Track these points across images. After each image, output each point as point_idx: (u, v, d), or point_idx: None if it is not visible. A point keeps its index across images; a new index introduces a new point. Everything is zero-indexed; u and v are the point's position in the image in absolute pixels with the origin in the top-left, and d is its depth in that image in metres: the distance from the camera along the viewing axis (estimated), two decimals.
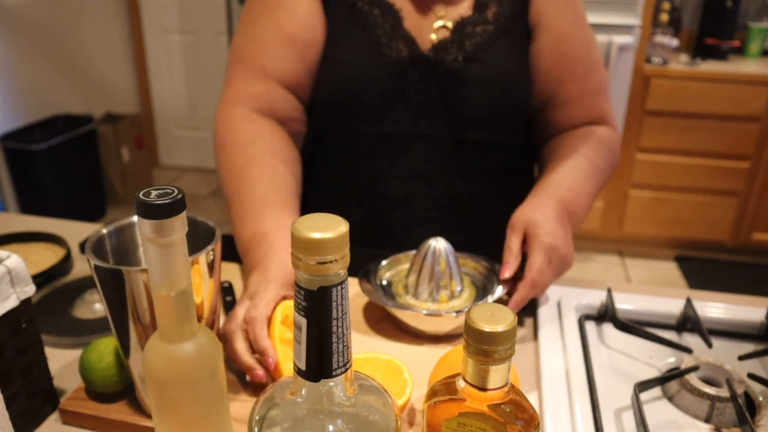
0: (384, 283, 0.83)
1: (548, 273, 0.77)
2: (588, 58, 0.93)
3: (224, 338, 0.68)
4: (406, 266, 0.85)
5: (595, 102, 0.95)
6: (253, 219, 0.78)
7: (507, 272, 0.77)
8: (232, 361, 0.69)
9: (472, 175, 0.95)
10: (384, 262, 0.85)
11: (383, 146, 0.93)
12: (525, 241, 0.79)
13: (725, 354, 0.76)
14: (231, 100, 0.91)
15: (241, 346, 0.66)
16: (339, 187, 0.92)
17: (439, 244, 0.79)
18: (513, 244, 0.78)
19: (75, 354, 0.76)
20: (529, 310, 0.85)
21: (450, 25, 0.90)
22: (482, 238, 0.97)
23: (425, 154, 0.92)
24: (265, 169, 0.84)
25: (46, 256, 0.96)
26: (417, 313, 0.75)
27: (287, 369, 0.65)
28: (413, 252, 0.84)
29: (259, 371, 0.65)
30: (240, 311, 0.69)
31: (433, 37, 0.90)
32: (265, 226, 0.77)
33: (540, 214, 0.79)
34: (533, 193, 0.84)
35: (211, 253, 0.57)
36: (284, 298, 0.71)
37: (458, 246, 0.97)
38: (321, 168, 0.99)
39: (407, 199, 0.94)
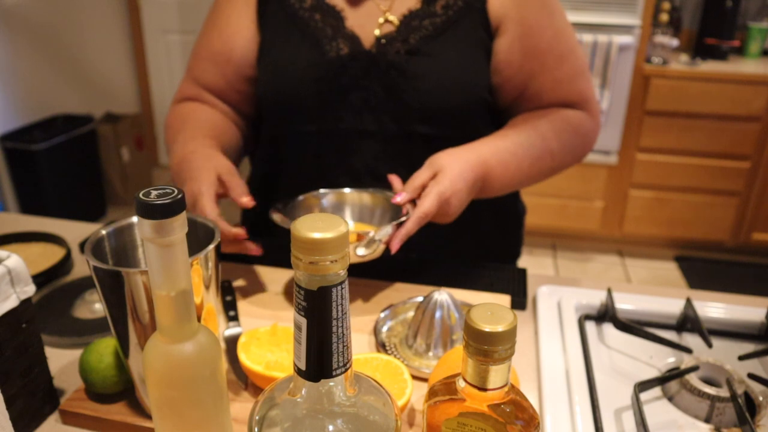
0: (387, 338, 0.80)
1: (428, 219, 0.79)
2: (559, 47, 0.91)
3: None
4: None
5: (571, 87, 0.93)
6: (180, 150, 0.87)
7: (399, 198, 0.80)
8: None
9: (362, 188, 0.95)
10: (300, 197, 0.88)
11: (329, 144, 0.94)
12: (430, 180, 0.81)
13: (725, 354, 0.76)
14: (174, 100, 1.04)
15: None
16: (295, 187, 0.93)
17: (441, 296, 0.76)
18: (420, 177, 0.81)
19: (75, 354, 0.76)
20: (529, 309, 0.85)
21: (395, 20, 0.90)
22: (438, 234, 0.97)
23: (373, 150, 0.92)
24: (196, 121, 0.94)
25: (46, 256, 0.96)
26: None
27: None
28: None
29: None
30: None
31: (377, 32, 0.90)
32: (185, 151, 0.86)
33: (458, 167, 0.80)
34: (465, 146, 0.85)
35: (211, 253, 0.57)
36: (219, 178, 0.79)
37: (415, 243, 0.96)
38: (278, 170, 1.01)
39: None
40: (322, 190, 0.90)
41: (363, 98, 0.90)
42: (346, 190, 0.90)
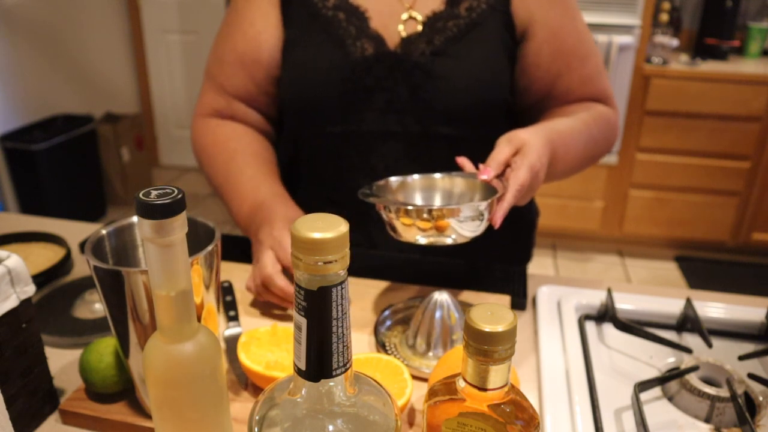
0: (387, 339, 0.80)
1: (524, 192, 0.76)
2: (582, 48, 0.94)
3: (264, 283, 0.78)
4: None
5: (595, 85, 0.96)
6: (250, 194, 0.88)
7: (485, 175, 0.76)
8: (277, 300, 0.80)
9: (446, 172, 0.94)
10: (382, 182, 0.82)
11: (351, 145, 0.93)
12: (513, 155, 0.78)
13: (725, 354, 0.76)
14: (200, 112, 1.00)
15: (284, 282, 0.77)
16: (315, 188, 0.93)
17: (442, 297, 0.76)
18: (502, 153, 0.77)
19: (75, 354, 0.76)
20: (529, 309, 0.85)
21: (420, 18, 0.90)
22: None
23: (395, 151, 0.92)
24: (247, 157, 0.93)
25: (46, 256, 0.96)
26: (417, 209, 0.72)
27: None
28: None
29: None
30: (267, 259, 0.78)
31: (401, 28, 0.90)
32: (261, 196, 0.87)
33: (538, 142, 0.78)
34: (531, 126, 0.83)
35: (211, 253, 0.57)
36: None
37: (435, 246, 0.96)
38: (299, 170, 1.01)
39: None
40: (415, 175, 0.85)
41: (387, 99, 0.90)
42: (437, 175, 0.85)
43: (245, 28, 0.94)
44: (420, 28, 0.90)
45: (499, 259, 1.02)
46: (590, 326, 0.81)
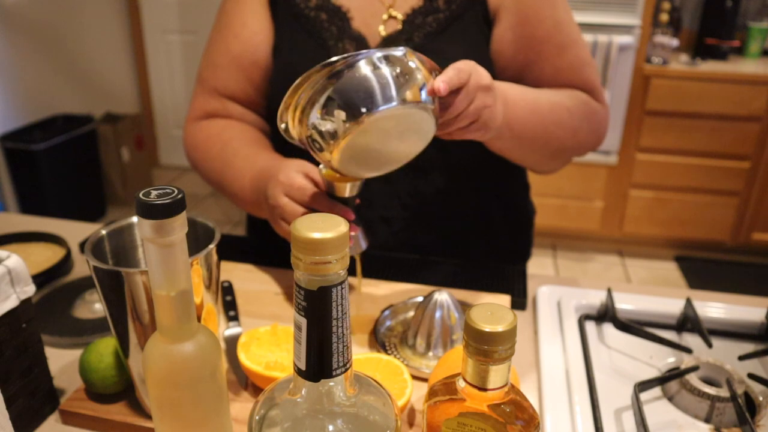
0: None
1: (466, 74, 0.68)
2: (559, 37, 0.89)
3: (278, 212, 0.75)
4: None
5: (573, 76, 0.91)
6: (249, 166, 0.86)
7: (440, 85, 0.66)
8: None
9: (433, 171, 0.94)
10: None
11: None
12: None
13: (725, 354, 0.76)
14: (193, 117, 0.99)
15: (294, 207, 0.74)
16: None
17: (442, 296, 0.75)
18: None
19: (75, 354, 0.76)
20: (529, 309, 0.86)
21: (400, 17, 0.89)
22: (449, 234, 0.96)
23: None
24: (242, 140, 0.92)
25: (46, 256, 0.96)
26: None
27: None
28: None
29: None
30: (277, 192, 0.76)
31: (381, 29, 0.89)
32: (261, 163, 0.85)
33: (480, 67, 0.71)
34: None
35: (211, 253, 0.57)
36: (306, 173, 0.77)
37: (427, 244, 0.95)
38: None
39: (368, 198, 0.93)
40: None
41: None
42: None
43: (237, 30, 0.94)
44: (400, 26, 0.89)
45: (498, 258, 1.02)
46: (590, 326, 0.81)
